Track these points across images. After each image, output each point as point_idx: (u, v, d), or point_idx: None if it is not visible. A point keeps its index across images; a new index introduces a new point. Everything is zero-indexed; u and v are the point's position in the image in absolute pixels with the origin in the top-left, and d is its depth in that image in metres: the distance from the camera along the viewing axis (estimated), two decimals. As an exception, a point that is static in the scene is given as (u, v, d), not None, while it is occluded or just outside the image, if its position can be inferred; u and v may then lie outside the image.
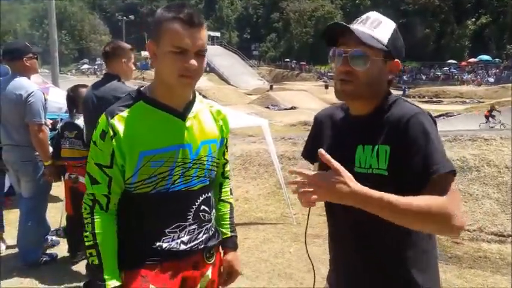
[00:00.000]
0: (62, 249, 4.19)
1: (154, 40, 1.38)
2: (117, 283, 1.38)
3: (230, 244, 1.70)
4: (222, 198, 1.73)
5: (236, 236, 1.74)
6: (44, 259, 3.84)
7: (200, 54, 1.36)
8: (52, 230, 4.35)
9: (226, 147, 1.68)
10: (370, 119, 1.33)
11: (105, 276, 1.37)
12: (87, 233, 1.39)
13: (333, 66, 1.34)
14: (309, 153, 1.51)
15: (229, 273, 1.69)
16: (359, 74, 1.27)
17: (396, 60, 1.33)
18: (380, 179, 1.24)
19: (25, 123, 3.57)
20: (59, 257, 4.00)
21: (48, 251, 4.05)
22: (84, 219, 1.42)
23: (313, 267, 1.51)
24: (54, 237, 4.40)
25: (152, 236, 1.45)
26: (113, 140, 1.36)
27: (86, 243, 1.40)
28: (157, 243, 1.45)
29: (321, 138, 1.47)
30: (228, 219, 1.72)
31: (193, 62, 1.34)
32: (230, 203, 1.76)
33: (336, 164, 1.16)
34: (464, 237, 4.68)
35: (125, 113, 1.39)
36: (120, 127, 1.37)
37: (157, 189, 1.42)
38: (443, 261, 4.17)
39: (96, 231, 1.38)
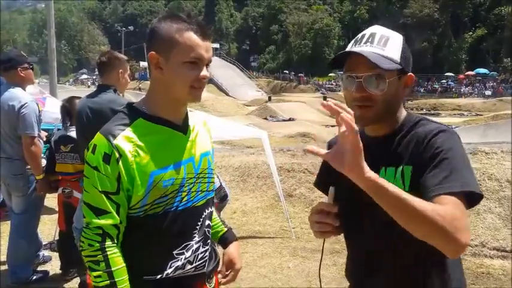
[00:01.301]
0: (54, 265, 4.07)
1: (160, 51, 1.30)
2: None
3: (230, 238, 1.67)
4: None
5: (231, 228, 1.71)
6: (35, 277, 3.70)
7: (208, 65, 1.34)
8: (46, 243, 4.24)
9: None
10: (390, 139, 1.26)
11: None
12: (99, 272, 1.25)
13: (343, 91, 1.26)
14: (322, 184, 1.43)
15: (231, 268, 1.61)
16: (377, 98, 1.20)
17: (410, 74, 1.27)
18: None
19: (17, 136, 3.47)
20: (50, 274, 3.87)
21: (39, 268, 3.93)
22: (89, 257, 1.27)
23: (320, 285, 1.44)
24: (46, 253, 4.26)
25: (159, 262, 1.35)
26: (120, 163, 1.25)
27: (100, 284, 1.25)
28: (164, 271, 1.35)
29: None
30: (217, 219, 1.68)
31: (206, 72, 1.32)
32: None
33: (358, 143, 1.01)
34: (466, 253, 4.59)
35: (127, 132, 1.29)
36: (126, 148, 1.26)
37: (166, 209, 1.33)
38: (446, 277, 4.09)
39: (113, 269, 1.26)
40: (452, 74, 46.85)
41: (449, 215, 1.01)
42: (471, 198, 1.11)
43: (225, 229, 1.67)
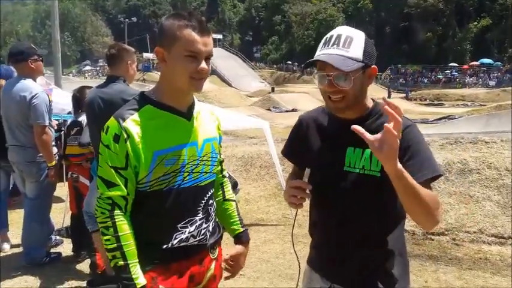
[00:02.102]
0: (65, 248, 4.24)
1: (164, 46, 1.46)
2: (145, 281, 1.43)
3: (244, 238, 1.80)
4: (226, 197, 1.82)
5: (247, 229, 1.83)
6: (48, 258, 3.88)
7: (208, 58, 1.47)
8: (56, 229, 4.39)
9: (220, 146, 1.76)
10: (358, 123, 1.43)
11: (133, 276, 1.41)
12: (109, 236, 1.42)
13: (318, 86, 1.48)
14: (293, 154, 1.70)
15: (233, 265, 1.75)
16: (346, 91, 1.41)
17: (373, 66, 1.45)
18: (372, 179, 1.41)
19: (29, 125, 3.61)
20: (63, 256, 4.04)
21: (52, 250, 4.10)
22: (101, 223, 1.44)
23: (299, 264, 1.71)
24: (58, 237, 4.45)
25: (164, 233, 1.51)
26: (127, 143, 1.41)
27: (109, 247, 1.42)
28: (170, 241, 1.50)
29: (306, 141, 1.59)
30: (236, 217, 1.81)
31: (204, 65, 1.45)
32: (234, 201, 1.85)
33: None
34: (465, 239, 4.70)
35: (135, 116, 1.45)
36: (133, 129, 1.43)
37: (169, 186, 1.48)
38: (444, 262, 4.20)
39: (120, 234, 1.42)
40: (457, 65, 46.50)
41: (433, 201, 1.33)
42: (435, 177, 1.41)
43: (242, 229, 1.80)
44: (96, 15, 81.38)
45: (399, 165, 1.25)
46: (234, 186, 3.54)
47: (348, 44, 1.41)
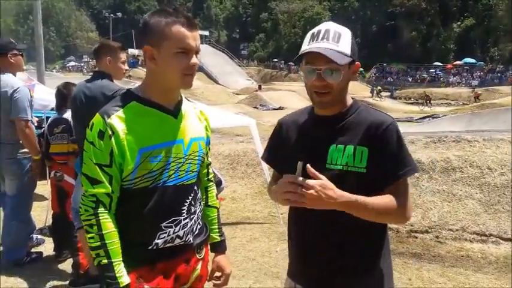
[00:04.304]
0: (47, 247, 4.15)
1: (152, 44, 1.43)
2: (129, 280, 1.41)
3: (220, 248, 1.77)
4: (209, 203, 1.77)
5: (225, 240, 1.80)
6: (29, 258, 3.80)
7: (197, 53, 1.47)
8: (37, 229, 4.31)
9: (209, 149, 1.73)
10: (337, 120, 1.49)
11: (117, 275, 1.39)
12: (92, 234, 1.40)
13: (305, 80, 1.48)
14: (273, 159, 1.67)
15: (221, 275, 1.73)
16: (334, 86, 1.43)
17: (357, 63, 1.48)
18: (358, 175, 1.42)
19: (10, 121, 3.53)
20: (44, 256, 3.96)
21: (33, 250, 4.02)
22: (85, 221, 1.42)
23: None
24: (39, 236, 4.36)
25: (148, 232, 1.48)
26: (112, 139, 1.40)
27: (92, 245, 1.40)
28: (154, 241, 1.48)
29: (287, 143, 1.58)
30: (216, 224, 1.77)
31: (195, 60, 1.45)
32: (217, 208, 1.80)
33: (322, 178, 1.34)
34: (447, 237, 4.77)
35: (121, 113, 1.43)
36: (118, 126, 1.41)
37: (154, 184, 1.46)
38: (427, 260, 4.25)
39: (104, 232, 1.40)
40: (441, 64, 47.17)
41: (399, 204, 1.41)
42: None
43: (219, 239, 1.76)
44: (80, 10, 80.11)
45: (340, 195, 1.33)
46: (218, 184, 3.51)
47: (337, 38, 1.43)
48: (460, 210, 5.14)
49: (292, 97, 28.53)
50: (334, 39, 1.42)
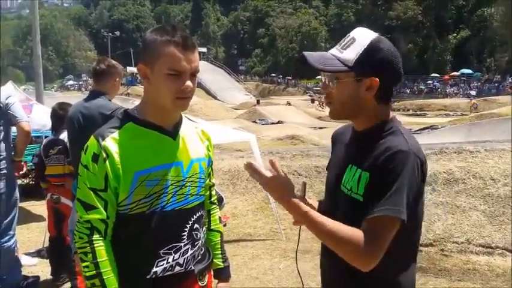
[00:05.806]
0: (44, 271, 4.06)
1: (147, 63, 1.37)
2: None
3: (223, 275, 1.70)
4: (212, 227, 1.69)
5: (228, 266, 1.72)
6: (26, 282, 3.67)
7: (194, 75, 1.39)
8: (35, 250, 4.23)
9: (212, 169, 1.66)
10: (363, 138, 1.36)
11: None
12: (87, 263, 1.33)
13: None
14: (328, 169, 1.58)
15: None
16: (333, 95, 1.34)
17: (373, 78, 1.28)
18: (355, 204, 1.27)
19: None
20: (41, 280, 3.86)
21: (29, 274, 3.91)
22: (80, 248, 1.35)
23: (302, 282, 1.56)
24: (36, 260, 4.25)
25: (146, 260, 1.41)
26: (106, 163, 1.34)
27: (87, 274, 1.33)
28: (152, 270, 1.40)
29: (332, 157, 1.53)
30: (219, 249, 1.69)
31: (189, 83, 1.37)
32: (220, 232, 1.72)
33: (282, 175, 1.36)
34: (453, 250, 4.69)
35: (116, 135, 1.38)
36: (113, 149, 1.35)
37: (152, 209, 1.39)
38: (433, 274, 4.17)
39: (99, 260, 1.33)
40: (438, 75, 47.50)
41: (364, 242, 1.18)
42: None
43: (223, 265, 1.69)
44: (79, 29, 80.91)
45: (291, 203, 1.27)
46: (219, 201, 3.43)
47: (347, 45, 1.31)
48: (464, 222, 5.07)
49: (291, 111, 28.60)
50: (345, 45, 1.31)
